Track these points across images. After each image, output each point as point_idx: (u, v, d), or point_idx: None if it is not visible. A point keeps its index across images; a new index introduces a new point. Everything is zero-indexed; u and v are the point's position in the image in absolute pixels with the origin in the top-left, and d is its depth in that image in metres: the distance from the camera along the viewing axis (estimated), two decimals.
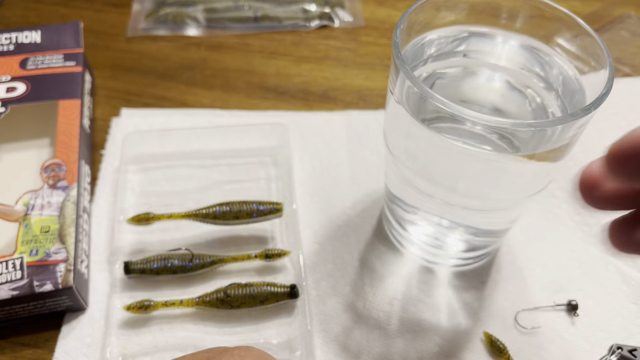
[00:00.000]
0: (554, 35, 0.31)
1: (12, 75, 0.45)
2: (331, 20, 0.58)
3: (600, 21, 0.55)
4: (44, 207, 0.37)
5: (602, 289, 0.37)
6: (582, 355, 0.34)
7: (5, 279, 0.33)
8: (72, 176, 0.39)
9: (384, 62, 0.55)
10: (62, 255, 0.35)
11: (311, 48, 0.56)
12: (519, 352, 0.34)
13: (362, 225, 0.41)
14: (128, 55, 0.55)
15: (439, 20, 0.32)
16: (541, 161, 0.28)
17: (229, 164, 0.45)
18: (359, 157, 0.45)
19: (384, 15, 0.60)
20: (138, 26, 0.58)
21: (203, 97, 0.51)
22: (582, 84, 0.30)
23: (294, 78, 0.53)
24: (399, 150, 0.32)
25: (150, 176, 0.43)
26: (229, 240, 0.40)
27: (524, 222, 0.41)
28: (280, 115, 0.48)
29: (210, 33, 0.57)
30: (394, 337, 0.35)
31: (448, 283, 0.38)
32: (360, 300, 0.37)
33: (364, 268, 0.38)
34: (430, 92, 0.25)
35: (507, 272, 0.38)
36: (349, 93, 0.51)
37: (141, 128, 0.47)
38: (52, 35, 0.48)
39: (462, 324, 0.36)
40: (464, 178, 0.29)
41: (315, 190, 0.43)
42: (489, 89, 0.33)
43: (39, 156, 0.40)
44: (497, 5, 0.32)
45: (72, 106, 0.43)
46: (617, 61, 0.51)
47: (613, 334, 0.35)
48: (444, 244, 0.37)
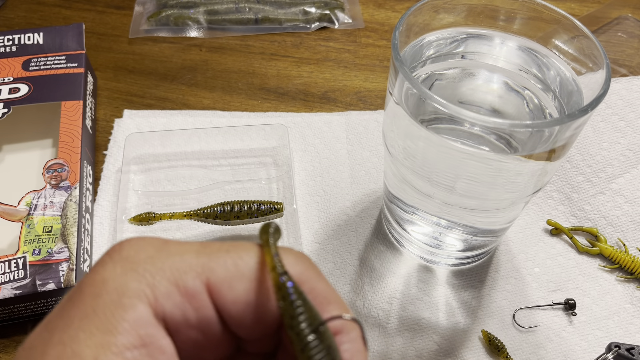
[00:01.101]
0: (551, 37, 0.32)
1: (15, 76, 0.45)
2: (331, 22, 0.59)
3: (597, 23, 0.55)
4: (47, 207, 0.37)
5: (599, 288, 0.38)
6: (580, 354, 0.35)
7: (8, 278, 0.34)
8: (74, 176, 0.39)
9: (383, 63, 0.55)
10: (64, 254, 0.35)
11: (311, 50, 0.56)
12: (517, 350, 0.35)
13: (361, 224, 0.41)
14: (130, 56, 0.55)
15: (438, 22, 0.33)
16: (539, 161, 0.28)
17: (230, 164, 0.45)
18: (358, 158, 0.45)
19: (383, 17, 0.60)
20: (140, 28, 0.58)
21: (204, 98, 0.51)
22: (580, 85, 0.30)
23: (294, 79, 0.53)
24: (398, 151, 0.32)
25: (152, 176, 0.44)
26: (230, 239, 0.40)
27: (521, 222, 0.41)
28: (281, 116, 0.49)
29: (212, 35, 0.58)
30: (393, 335, 0.35)
31: (447, 282, 0.38)
32: (359, 299, 0.37)
33: (363, 267, 0.39)
34: (428, 93, 0.25)
35: (505, 271, 0.39)
36: (348, 94, 0.52)
37: (143, 129, 0.47)
38: (55, 37, 0.48)
39: (460, 323, 0.36)
40: (462, 178, 0.29)
41: (316, 190, 0.43)
42: (487, 90, 0.34)
43: (41, 156, 0.40)
44: (495, 7, 0.33)
45: (74, 107, 0.43)
46: (614, 62, 0.52)
47: (610, 332, 0.36)
48: (442, 243, 0.37)
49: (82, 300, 0.16)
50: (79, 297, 0.16)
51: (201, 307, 0.16)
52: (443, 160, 0.29)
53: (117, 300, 0.15)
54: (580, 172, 0.42)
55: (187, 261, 0.16)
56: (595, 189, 0.41)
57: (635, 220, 0.40)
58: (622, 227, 0.40)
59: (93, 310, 0.15)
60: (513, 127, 0.25)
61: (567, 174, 0.42)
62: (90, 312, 0.15)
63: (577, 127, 0.27)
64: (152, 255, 0.16)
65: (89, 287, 0.16)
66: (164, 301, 0.16)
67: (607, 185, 0.41)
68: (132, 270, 0.16)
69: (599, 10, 0.57)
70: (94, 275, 0.16)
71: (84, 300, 0.16)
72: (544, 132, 0.26)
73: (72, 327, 0.15)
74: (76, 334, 0.15)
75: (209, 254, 0.17)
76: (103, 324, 0.15)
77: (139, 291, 0.15)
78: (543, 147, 0.27)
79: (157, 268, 0.16)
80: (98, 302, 0.15)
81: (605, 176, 0.41)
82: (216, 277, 0.16)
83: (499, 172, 0.29)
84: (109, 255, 0.16)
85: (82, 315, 0.15)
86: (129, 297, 0.15)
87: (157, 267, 0.16)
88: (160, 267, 0.16)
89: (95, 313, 0.15)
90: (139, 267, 0.16)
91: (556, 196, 0.42)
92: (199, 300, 0.16)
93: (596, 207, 0.41)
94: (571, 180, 0.42)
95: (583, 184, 0.42)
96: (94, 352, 0.14)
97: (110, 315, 0.15)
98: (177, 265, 0.16)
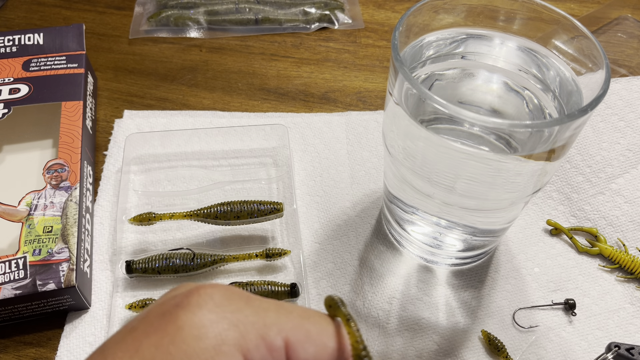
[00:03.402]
0: (551, 37, 0.32)
1: (15, 77, 0.45)
2: (331, 23, 0.59)
3: (597, 23, 0.55)
4: (47, 207, 0.37)
5: (599, 288, 0.38)
6: (580, 354, 0.35)
7: (9, 278, 0.34)
8: (74, 177, 0.39)
9: (383, 63, 0.55)
10: (64, 254, 0.35)
11: (311, 50, 0.56)
12: (517, 350, 0.35)
13: (361, 225, 0.41)
14: (130, 57, 0.55)
15: (437, 22, 0.33)
16: (538, 161, 0.28)
17: (230, 164, 0.45)
18: (358, 158, 0.46)
19: (383, 17, 0.60)
20: (140, 28, 0.58)
21: (204, 98, 0.51)
22: (579, 85, 0.30)
23: (294, 80, 0.53)
24: (397, 151, 0.32)
25: (152, 177, 0.44)
26: (230, 239, 0.40)
27: (521, 222, 0.41)
28: (281, 117, 0.49)
29: (212, 35, 0.58)
30: (393, 335, 0.35)
31: (446, 282, 0.38)
32: (359, 299, 0.37)
33: (363, 267, 0.39)
34: (428, 93, 0.25)
35: (505, 271, 0.39)
36: (348, 94, 0.52)
37: (143, 129, 0.47)
38: (55, 37, 0.49)
39: (460, 323, 0.36)
40: (462, 178, 0.29)
41: (315, 191, 0.43)
42: (487, 90, 0.34)
43: (41, 157, 0.40)
44: (495, 8, 0.33)
45: (74, 107, 0.43)
46: (613, 63, 0.52)
47: (610, 332, 0.36)
48: (442, 243, 0.37)
49: (183, 340, 0.16)
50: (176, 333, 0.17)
51: None
52: (443, 160, 0.29)
53: (218, 347, 0.16)
54: (580, 172, 0.42)
55: (271, 317, 0.18)
56: (595, 189, 0.41)
57: (635, 221, 0.40)
58: (622, 227, 0.40)
59: (196, 353, 0.16)
60: (513, 127, 0.25)
61: (566, 174, 0.42)
62: (193, 355, 0.16)
63: (577, 127, 0.27)
64: (241, 308, 0.18)
65: (188, 328, 0.17)
66: (254, 352, 0.17)
67: (607, 186, 0.41)
68: (226, 320, 0.17)
69: (598, 11, 0.57)
70: (189, 315, 0.17)
71: (186, 340, 0.16)
72: (543, 132, 0.26)
73: None
74: None
75: (287, 314, 0.18)
76: None
77: (236, 340, 0.17)
78: (543, 147, 0.27)
79: (249, 321, 0.17)
80: (200, 346, 0.16)
81: (605, 176, 0.42)
82: (295, 337, 0.18)
83: (498, 172, 0.29)
84: (197, 297, 0.17)
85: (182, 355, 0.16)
86: (229, 345, 0.17)
87: (249, 320, 0.17)
88: (251, 321, 0.17)
89: (198, 356, 0.16)
90: (232, 317, 0.17)
91: (556, 196, 0.42)
92: (279, 355, 0.18)
93: (596, 207, 0.41)
94: (571, 181, 0.42)
95: (583, 184, 0.42)
96: None
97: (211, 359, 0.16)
98: (264, 321, 0.18)
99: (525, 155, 0.28)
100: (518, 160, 0.28)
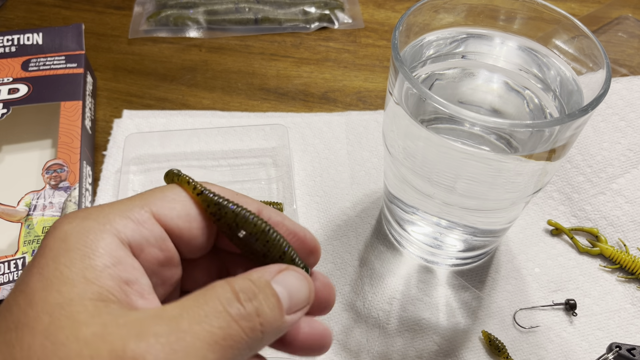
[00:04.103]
0: (551, 37, 0.32)
1: (14, 77, 0.45)
2: (331, 22, 0.59)
3: (597, 23, 0.55)
4: (46, 208, 0.37)
5: (600, 289, 0.38)
6: (581, 354, 0.35)
7: (8, 279, 0.34)
8: (73, 177, 0.39)
9: (383, 63, 0.55)
10: None
11: (311, 50, 0.56)
12: (518, 351, 0.35)
13: (361, 225, 0.41)
14: (129, 57, 0.55)
15: (438, 22, 0.33)
16: (539, 161, 0.28)
17: (230, 164, 0.45)
18: (358, 158, 0.45)
19: (383, 17, 0.60)
20: (139, 28, 0.58)
21: (204, 98, 0.51)
22: (580, 85, 0.30)
23: (294, 80, 0.53)
24: (398, 151, 0.32)
25: (151, 177, 0.44)
26: None
27: (522, 222, 0.41)
28: (281, 117, 0.49)
29: (211, 35, 0.58)
30: (394, 336, 0.35)
31: (447, 282, 0.38)
32: (359, 299, 0.37)
33: (363, 268, 0.39)
34: (428, 93, 0.25)
35: (506, 272, 0.38)
36: (348, 94, 0.52)
37: (142, 129, 0.47)
38: (54, 37, 0.48)
39: (461, 323, 0.36)
40: (462, 178, 0.29)
41: (315, 191, 0.43)
42: (487, 90, 0.34)
43: (40, 157, 0.40)
44: (495, 7, 0.33)
45: (73, 107, 0.43)
46: (614, 62, 0.52)
47: (611, 332, 0.36)
48: (442, 243, 0.37)
49: (51, 249, 0.17)
50: (43, 252, 0.17)
51: (153, 229, 0.19)
52: (443, 160, 0.29)
53: (85, 237, 0.17)
54: (580, 172, 0.42)
55: (126, 203, 0.19)
56: (595, 189, 0.41)
57: (635, 221, 0.40)
58: (623, 227, 0.40)
59: (65, 250, 0.17)
60: (513, 127, 0.25)
61: (567, 174, 0.42)
62: (62, 252, 0.17)
63: (578, 127, 0.27)
64: (97, 209, 0.19)
65: (52, 241, 0.18)
66: (123, 230, 0.18)
67: (608, 186, 0.41)
68: (87, 219, 0.18)
69: (599, 10, 0.57)
70: (54, 233, 0.18)
71: (53, 247, 0.17)
72: (544, 132, 0.26)
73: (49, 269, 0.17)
74: (58, 268, 0.17)
75: (140, 197, 0.20)
76: (79, 256, 0.17)
77: (102, 227, 0.18)
78: (543, 147, 0.27)
79: (106, 213, 0.19)
80: (68, 244, 0.17)
81: (606, 176, 0.41)
82: (156, 207, 0.19)
83: (499, 172, 0.29)
84: (57, 222, 0.18)
85: (54, 256, 0.17)
86: (95, 233, 0.18)
87: (106, 212, 0.19)
88: (108, 212, 0.19)
89: (68, 251, 0.17)
90: (91, 216, 0.18)
91: (557, 196, 0.42)
92: (149, 224, 0.19)
93: (597, 207, 0.41)
94: (572, 181, 0.42)
95: (583, 184, 0.42)
96: (80, 272, 0.17)
97: (83, 247, 0.17)
98: (122, 207, 0.19)
99: (526, 155, 0.28)
100: (519, 160, 0.28)
